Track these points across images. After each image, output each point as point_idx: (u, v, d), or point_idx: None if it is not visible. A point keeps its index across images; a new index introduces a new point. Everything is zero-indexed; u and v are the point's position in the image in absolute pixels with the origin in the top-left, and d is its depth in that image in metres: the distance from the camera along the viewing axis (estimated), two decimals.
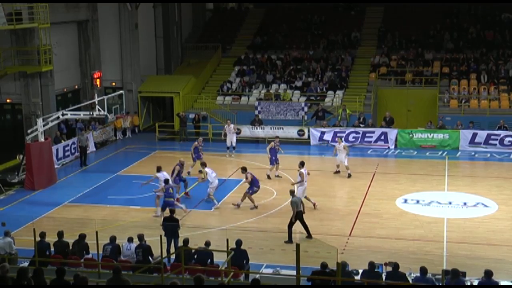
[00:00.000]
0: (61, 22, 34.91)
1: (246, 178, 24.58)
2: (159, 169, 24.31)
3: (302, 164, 24.58)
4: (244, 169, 25.03)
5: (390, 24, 43.94)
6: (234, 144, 32.69)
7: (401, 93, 37.98)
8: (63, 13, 34.88)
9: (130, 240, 18.05)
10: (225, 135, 32.97)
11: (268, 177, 28.08)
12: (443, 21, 43.21)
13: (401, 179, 28.03)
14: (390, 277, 15.20)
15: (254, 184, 24.43)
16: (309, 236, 21.00)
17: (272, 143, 28.78)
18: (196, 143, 28.95)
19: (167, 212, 20.87)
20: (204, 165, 25.53)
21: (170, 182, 23.31)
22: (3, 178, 27.96)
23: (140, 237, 17.66)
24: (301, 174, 24.10)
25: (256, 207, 24.23)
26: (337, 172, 28.77)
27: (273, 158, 28.18)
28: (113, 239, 17.76)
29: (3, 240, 17.99)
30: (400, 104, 37.62)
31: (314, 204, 24.20)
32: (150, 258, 17.35)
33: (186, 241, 17.27)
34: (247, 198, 24.32)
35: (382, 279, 15.41)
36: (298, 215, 21.03)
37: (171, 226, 19.31)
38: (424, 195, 25.69)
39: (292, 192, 21.75)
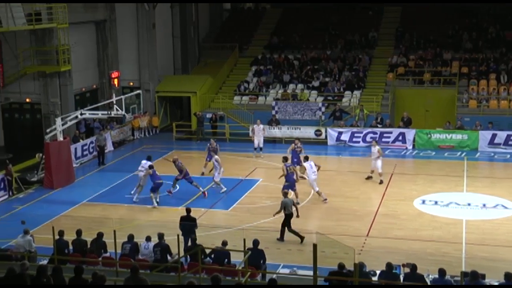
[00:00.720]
0: (79, 22, 35.11)
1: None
2: (149, 158, 26.58)
3: (285, 159, 24.90)
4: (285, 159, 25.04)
5: (408, 23, 43.73)
6: (261, 145, 32.28)
7: (419, 93, 37.78)
8: (81, 13, 35.08)
9: (148, 239, 18.11)
10: (250, 132, 32.87)
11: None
12: (462, 20, 42.93)
13: (419, 180, 27.87)
14: (408, 279, 15.11)
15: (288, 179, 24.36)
16: (284, 236, 20.98)
17: (293, 144, 28.60)
18: (209, 145, 28.85)
19: (182, 212, 20.84)
20: (285, 159, 25.50)
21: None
22: (23, 176, 28.14)
23: (160, 236, 17.68)
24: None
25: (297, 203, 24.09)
26: (369, 177, 27.73)
27: (294, 159, 27.94)
28: (131, 237, 17.85)
29: (22, 239, 18.13)
30: (418, 104, 37.42)
31: (325, 200, 24.50)
32: (169, 257, 17.38)
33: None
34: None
35: (400, 280, 15.33)
36: (288, 217, 20.94)
37: (188, 226, 19.34)
38: (442, 196, 25.53)
39: (285, 194, 21.66)
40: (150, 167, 25.18)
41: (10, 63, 32.20)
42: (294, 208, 21.26)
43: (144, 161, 26.32)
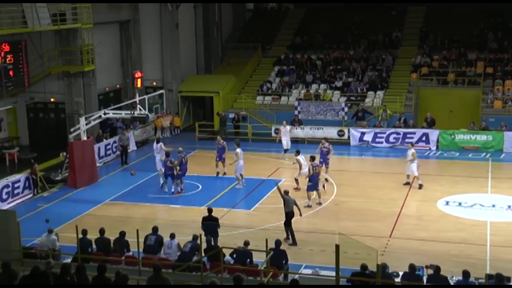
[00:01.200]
0: (103, 22, 35.36)
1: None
2: (158, 141, 28.53)
3: (312, 159, 24.76)
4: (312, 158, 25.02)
5: (432, 23, 43.39)
6: (288, 146, 31.81)
7: (443, 94, 37.46)
8: (105, 13, 35.32)
9: (172, 236, 18.05)
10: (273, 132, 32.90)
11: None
12: (487, 20, 42.50)
13: (443, 181, 27.64)
14: (431, 280, 14.99)
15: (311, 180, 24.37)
16: (290, 241, 20.82)
17: (320, 144, 28.41)
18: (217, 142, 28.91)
19: (204, 212, 20.85)
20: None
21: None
22: (47, 175, 28.38)
23: (195, 237, 17.56)
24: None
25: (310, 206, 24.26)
26: (407, 183, 26.87)
27: (321, 160, 27.79)
28: (155, 229, 17.90)
29: (47, 238, 18.27)
30: (442, 104, 37.10)
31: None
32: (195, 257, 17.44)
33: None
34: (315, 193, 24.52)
35: (423, 282, 15.21)
36: (289, 216, 20.97)
37: (211, 226, 19.36)
38: (466, 197, 25.30)
39: (286, 192, 21.50)
40: (167, 155, 26.50)
41: (35, 63, 32.50)
42: (295, 208, 21.17)
43: (155, 145, 28.30)
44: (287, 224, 20.98)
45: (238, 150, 26.99)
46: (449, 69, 38.79)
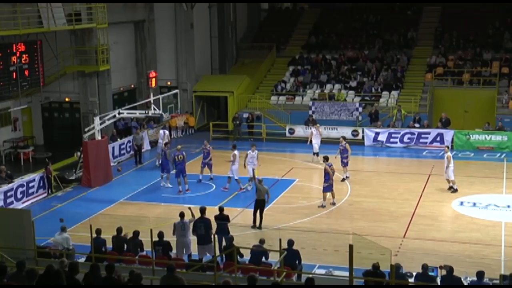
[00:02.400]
0: (118, 22, 35.49)
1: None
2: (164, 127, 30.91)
3: (325, 159, 24.70)
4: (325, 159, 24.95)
5: (447, 23, 43.15)
6: (318, 150, 31.00)
7: (458, 94, 37.28)
8: (120, 13, 35.46)
9: (181, 215, 18.76)
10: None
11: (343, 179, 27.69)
12: (503, 20, 42.22)
13: (458, 181, 27.37)
14: (445, 281, 14.92)
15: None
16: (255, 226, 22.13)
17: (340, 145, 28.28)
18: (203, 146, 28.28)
19: (216, 210, 20.83)
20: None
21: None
22: (62, 175, 28.51)
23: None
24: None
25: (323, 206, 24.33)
26: (451, 188, 26.01)
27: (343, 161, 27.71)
28: (161, 235, 17.72)
29: (60, 236, 18.33)
30: (457, 105, 36.93)
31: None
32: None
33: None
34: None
35: (437, 282, 15.14)
36: (258, 203, 22.15)
37: (221, 225, 19.36)
38: (481, 197, 25.15)
39: (260, 181, 22.58)
40: (165, 144, 28.08)
41: (50, 63, 32.68)
42: (267, 197, 22.25)
43: (161, 131, 31.11)
44: (256, 211, 22.16)
45: (236, 152, 26.64)
46: (465, 69, 38.57)
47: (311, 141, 31.39)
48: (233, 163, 26.48)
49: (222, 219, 19.63)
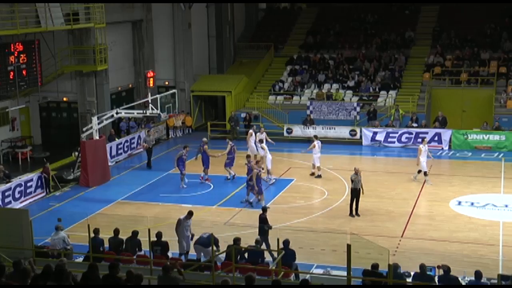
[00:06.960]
0: (116, 22, 35.47)
1: None
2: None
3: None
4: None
5: (445, 23, 43.17)
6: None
7: (455, 94, 37.31)
8: (118, 13, 35.44)
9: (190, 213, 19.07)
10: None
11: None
12: (501, 20, 42.24)
13: (455, 181, 27.53)
14: (442, 281, 14.94)
15: None
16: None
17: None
18: (181, 152, 27.62)
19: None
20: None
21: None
22: (59, 175, 28.50)
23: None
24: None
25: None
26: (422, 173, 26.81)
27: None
28: (159, 236, 17.75)
29: (56, 236, 18.25)
30: (455, 104, 36.95)
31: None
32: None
33: (236, 240, 17.25)
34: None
35: (435, 282, 15.16)
36: (354, 193, 23.19)
37: (260, 227, 19.41)
38: (479, 197, 25.18)
39: (358, 171, 23.59)
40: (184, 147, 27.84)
41: (48, 62, 32.64)
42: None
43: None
44: (352, 201, 23.26)
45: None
46: (462, 68, 38.59)
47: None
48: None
49: (262, 222, 19.66)
